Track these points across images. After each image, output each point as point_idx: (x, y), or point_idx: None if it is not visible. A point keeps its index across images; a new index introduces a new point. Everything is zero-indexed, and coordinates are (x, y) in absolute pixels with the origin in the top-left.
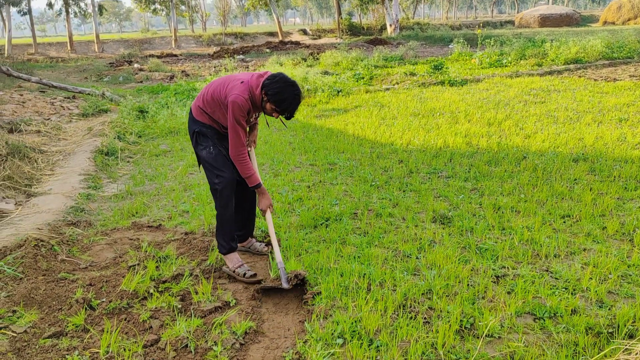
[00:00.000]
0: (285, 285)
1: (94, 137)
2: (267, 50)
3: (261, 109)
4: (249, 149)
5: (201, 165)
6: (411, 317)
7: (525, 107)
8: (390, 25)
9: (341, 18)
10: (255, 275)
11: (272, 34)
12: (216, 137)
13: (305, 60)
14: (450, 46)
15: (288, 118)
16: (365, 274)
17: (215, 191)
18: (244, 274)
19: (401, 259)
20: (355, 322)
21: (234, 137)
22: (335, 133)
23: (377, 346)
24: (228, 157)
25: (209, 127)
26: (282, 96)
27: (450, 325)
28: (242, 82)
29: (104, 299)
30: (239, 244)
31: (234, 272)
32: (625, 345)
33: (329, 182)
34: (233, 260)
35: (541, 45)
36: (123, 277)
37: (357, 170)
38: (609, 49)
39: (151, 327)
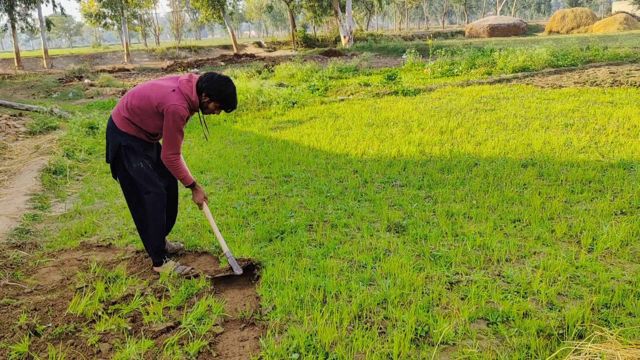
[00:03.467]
0: (237, 272)
1: (41, 156)
2: (222, 63)
3: (198, 111)
4: None
5: (121, 180)
6: (367, 328)
7: (476, 114)
8: (345, 37)
9: (296, 30)
10: (193, 269)
11: (227, 47)
12: (142, 149)
13: (260, 72)
14: (403, 57)
15: (230, 111)
16: (320, 286)
17: (141, 206)
18: (183, 270)
19: (356, 270)
20: (311, 335)
21: (170, 141)
22: (291, 145)
23: (333, 359)
24: (154, 168)
25: (135, 139)
26: (225, 93)
27: (405, 334)
28: (174, 90)
29: (49, 324)
30: None
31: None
32: (575, 346)
33: (284, 194)
34: (167, 268)
35: (490, 54)
36: (70, 300)
37: (313, 182)
38: (554, 57)
39: (100, 351)
